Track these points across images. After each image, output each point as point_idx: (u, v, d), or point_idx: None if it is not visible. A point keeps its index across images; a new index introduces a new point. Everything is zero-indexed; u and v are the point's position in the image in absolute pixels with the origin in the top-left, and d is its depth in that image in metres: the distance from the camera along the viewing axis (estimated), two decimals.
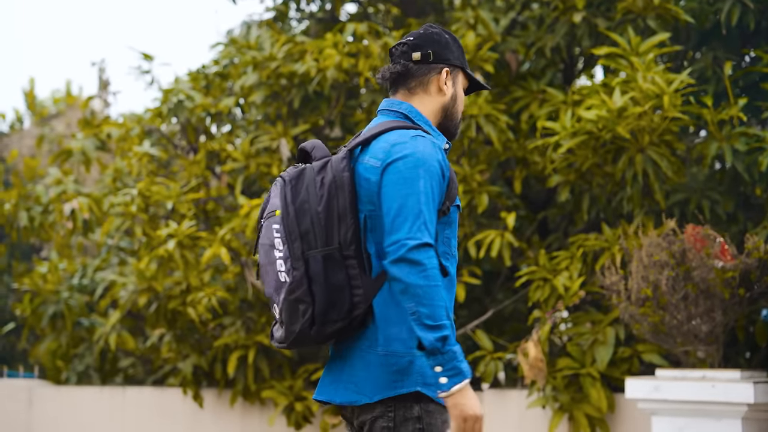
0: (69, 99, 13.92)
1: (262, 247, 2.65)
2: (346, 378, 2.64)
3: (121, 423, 7.80)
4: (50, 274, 8.22)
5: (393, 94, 2.81)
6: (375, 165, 2.61)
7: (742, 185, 5.94)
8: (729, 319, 5.22)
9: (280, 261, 2.58)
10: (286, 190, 2.60)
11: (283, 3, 8.08)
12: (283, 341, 2.61)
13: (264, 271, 2.65)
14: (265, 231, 2.64)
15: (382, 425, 2.57)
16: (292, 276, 2.55)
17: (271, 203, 2.66)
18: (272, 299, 2.64)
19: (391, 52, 2.82)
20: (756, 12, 6.12)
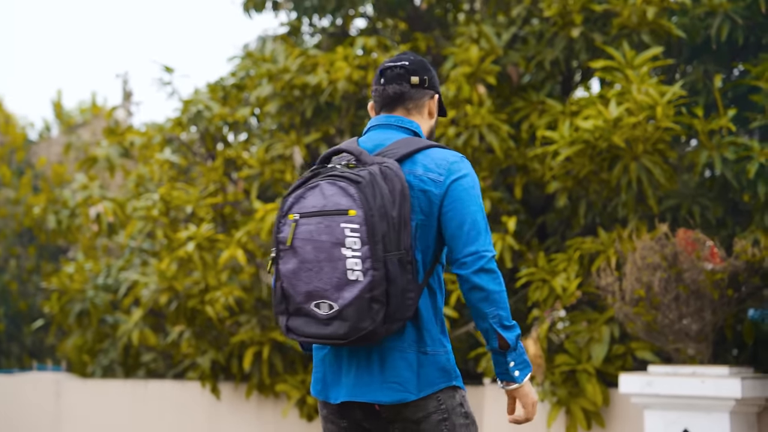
0: (94, 109, 13.95)
1: (310, 242, 2.54)
2: (386, 378, 2.61)
3: (143, 414, 7.81)
4: (77, 274, 8.24)
5: (388, 111, 2.81)
6: (436, 179, 2.65)
7: (731, 192, 5.92)
8: (718, 318, 5.21)
9: (354, 260, 2.50)
10: (364, 192, 2.52)
11: (296, 18, 8.08)
12: (344, 337, 2.52)
13: (309, 267, 2.54)
14: (321, 228, 2.53)
15: (437, 419, 2.64)
16: (371, 276, 2.49)
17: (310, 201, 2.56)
18: (317, 295, 2.54)
19: (384, 72, 2.80)
20: (744, 28, 6.11)
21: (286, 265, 2.58)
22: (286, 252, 2.58)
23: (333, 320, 2.53)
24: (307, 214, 2.56)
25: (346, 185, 2.54)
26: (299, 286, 2.56)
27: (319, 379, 2.71)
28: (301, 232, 2.56)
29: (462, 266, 2.60)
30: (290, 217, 2.59)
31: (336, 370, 2.67)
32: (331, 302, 2.52)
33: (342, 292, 2.51)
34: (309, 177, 2.62)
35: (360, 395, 2.62)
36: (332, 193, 2.55)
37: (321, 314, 2.54)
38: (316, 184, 2.58)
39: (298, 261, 2.55)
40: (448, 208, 2.64)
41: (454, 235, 2.62)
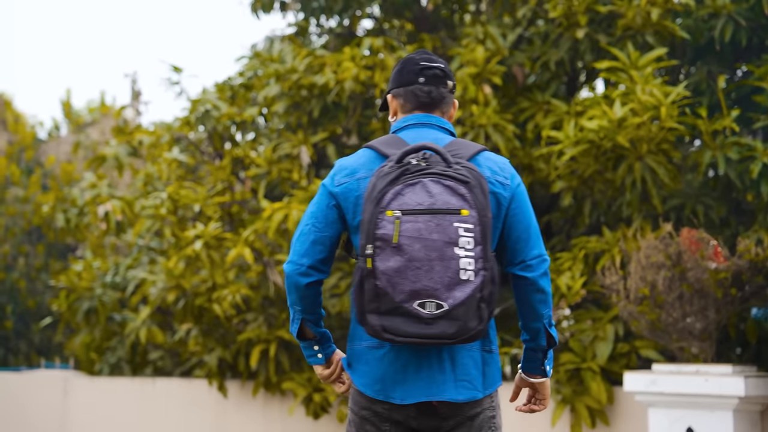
0: (103, 108, 14.00)
1: (419, 240, 2.47)
2: (457, 376, 2.62)
3: (151, 411, 7.85)
4: (85, 272, 8.28)
5: (426, 111, 2.78)
6: (503, 182, 2.66)
7: (735, 192, 5.94)
8: (721, 317, 5.23)
9: (468, 260, 2.46)
10: (474, 192, 2.50)
11: (304, 19, 8.11)
12: (453, 337, 2.48)
13: (418, 265, 2.46)
14: (432, 226, 2.47)
15: (489, 415, 2.68)
16: (482, 276, 2.48)
17: (413, 198, 2.49)
18: (425, 294, 2.47)
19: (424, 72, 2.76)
20: (747, 29, 6.12)
21: (386, 262, 2.48)
22: (385, 249, 2.49)
23: (439, 320, 2.47)
24: (413, 212, 2.49)
25: (455, 185, 2.50)
26: (403, 285, 2.47)
27: (378, 378, 2.63)
28: (408, 230, 2.48)
29: (527, 269, 2.64)
30: (389, 213, 2.49)
31: (399, 370, 2.62)
32: (439, 301, 2.46)
33: (453, 292, 2.47)
34: (399, 173, 2.53)
35: (436, 394, 2.60)
36: (439, 191, 2.50)
37: (425, 313, 2.47)
38: (417, 181, 2.51)
39: (405, 259, 2.47)
40: (515, 212, 2.66)
41: (520, 238, 2.65)
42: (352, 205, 2.65)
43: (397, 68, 2.84)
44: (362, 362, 2.67)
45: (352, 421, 2.72)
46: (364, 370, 2.67)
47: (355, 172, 2.69)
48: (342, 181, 2.67)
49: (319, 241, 2.66)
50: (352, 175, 2.68)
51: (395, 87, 2.81)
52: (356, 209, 2.64)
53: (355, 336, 2.70)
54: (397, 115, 2.83)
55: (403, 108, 2.80)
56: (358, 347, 2.69)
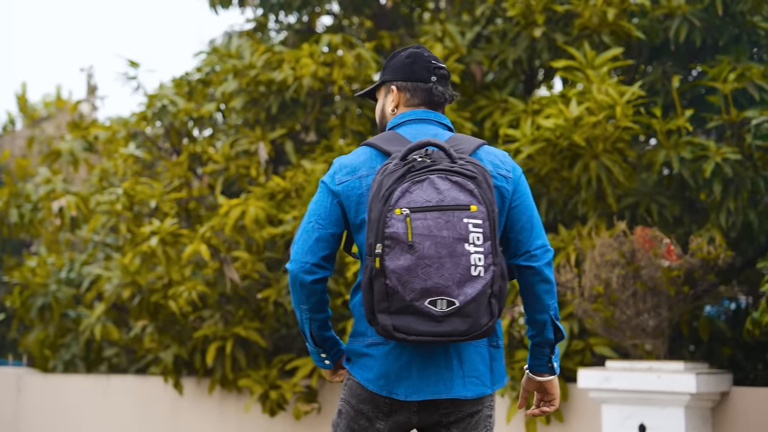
0: (59, 103, 13.83)
1: (429, 238, 2.45)
2: (465, 372, 2.60)
3: (105, 409, 7.77)
4: (39, 268, 8.17)
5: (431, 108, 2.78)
6: (506, 175, 2.67)
7: (688, 190, 6.00)
8: (674, 314, 5.28)
9: (478, 255, 2.45)
10: (482, 188, 2.49)
11: (262, 15, 8.07)
12: (465, 333, 2.46)
13: (429, 263, 2.44)
14: (441, 223, 2.46)
15: (486, 413, 2.67)
16: (492, 271, 2.46)
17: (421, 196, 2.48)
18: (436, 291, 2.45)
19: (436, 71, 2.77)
20: (702, 30, 6.19)
21: (396, 261, 2.46)
22: (394, 248, 2.46)
23: (450, 317, 2.45)
24: (421, 209, 2.47)
25: (463, 180, 2.49)
26: (414, 283, 2.45)
27: (381, 374, 2.60)
28: (418, 227, 2.46)
29: (532, 258, 2.63)
30: (397, 211, 2.47)
31: (404, 366, 2.60)
32: (451, 298, 2.45)
33: (464, 288, 2.45)
34: (407, 170, 2.51)
35: (444, 392, 2.59)
36: (447, 187, 2.48)
37: (436, 311, 2.45)
38: (424, 178, 2.49)
39: (415, 257, 2.45)
40: (517, 203, 2.67)
41: (524, 228, 2.65)
42: (354, 203, 2.63)
43: (403, 60, 2.78)
44: (366, 357, 2.64)
45: (344, 413, 2.68)
46: (368, 365, 2.64)
47: (356, 170, 2.66)
48: (343, 180, 2.65)
49: (323, 239, 2.64)
50: (354, 173, 2.66)
51: (403, 80, 2.77)
52: (358, 207, 2.63)
53: (359, 332, 2.68)
54: (398, 108, 2.80)
55: (408, 102, 2.78)
56: (361, 343, 2.66)
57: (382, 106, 2.85)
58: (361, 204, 2.62)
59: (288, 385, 6.51)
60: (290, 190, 6.61)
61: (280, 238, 6.59)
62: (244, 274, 6.61)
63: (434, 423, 2.64)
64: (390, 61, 2.83)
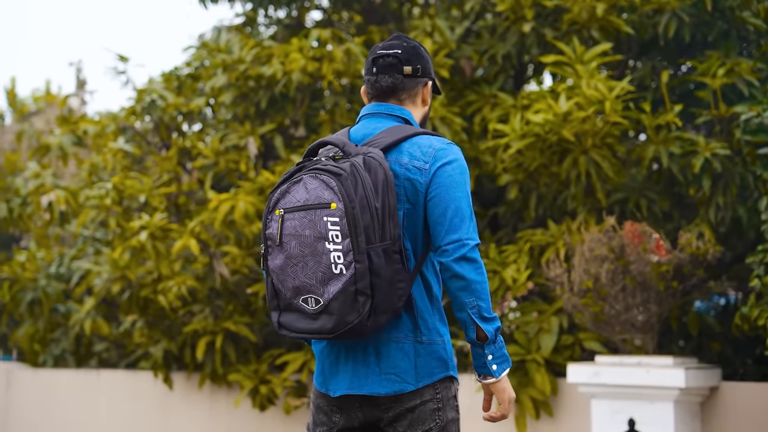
0: (48, 97, 13.73)
1: (295, 237, 2.50)
2: (382, 369, 2.58)
3: (95, 404, 7.72)
4: (28, 263, 8.11)
5: (381, 101, 2.76)
6: (420, 167, 2.59)
7: (677, 186, 5.99)
8: (663, 309, 5.26)
9: (337, 253, 2.45)
10: (344, 185, 2.47)
11: (252, 9, 8.01)
12: (332, 331, 2.48)
13: (294, 262, 2.51)
14: (305, 222, 2.49)
15: (432, 407, 2.60)
16: (354, 268, 2.45)
17: (294, 196, 2.53)
18: (305, 290, 2.50)
19: (376, 62, 2.74)
20: (691, 25, 6.17)
21: (274, 261, 2.55)
22: (273, 248, 2.55)
23: (320, 315, 2.50)
24: (292, 209, 2.52)
25: (328, 178, 2.49)
26: (287, 282, 2.53)
27: (320, 371, 2.68)
28: (287, 228, 2.52)
29: (443, 254, 2.54)
30: (276, 213, 2.55)
31: (333, 363, 2.64)
32: (317, 297, 2.49)
33: (327, 286, 2.47)
34: (294, 171, 2.57)
35: (358, 388, 2.59)
36: (315, 186, 2.50)
37: (309, 309, 2.51)
38: (300, 179, 2.53)
39: (285, 257, 2.52)
40: (432, 195, 2.58)
41: (437, 222, 2.57)
42: None
43: None
44: (316, 356, 2.73)
45: (311, 408, 2.76)
46: (316, 363, 2.72)
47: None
48: None
49: None
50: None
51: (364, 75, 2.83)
52: None
53: None
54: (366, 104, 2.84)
55: (367, 97, 2.81)
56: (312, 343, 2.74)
57: None
58: None
59: (278, 379, 6.48)
60: None
61: None
62: (234, 269, 6.57)
63: (377, 419, 2.62)
64: None
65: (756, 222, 5.60)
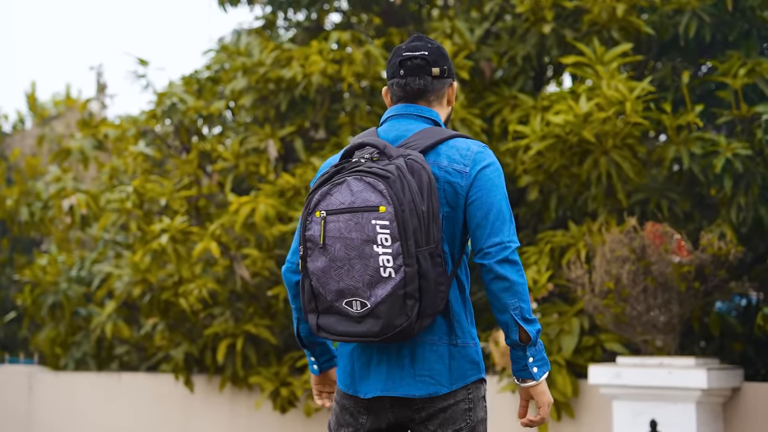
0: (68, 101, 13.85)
1: (339, 240, 2.50)
2: (417, 371, 2.60)
3: (116, 406, 7.79)
4: (50, 267, 8.20)
5: (408, 102, 2.77)
6: (461, 170, 2.62)
7: (698, 186, 5.99)
8: (685, 310, 5.27)
9: (386, 257, 2.46)
10: (393, 188, 2.47)
11: (271, 12, 8.07)
12: (378, 335, 2.49)
13: (339, 264, 2.51)
14: (351, 225, 2.49)
15: (464, 407, 2.63)
16: (403, 272, 2.46)
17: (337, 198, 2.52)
18: (349, 293, 2.51)
19: (404, 64, 2.74)
20: (711, 26, 6.17)
21: (315, 263, 2.54)
22: (314, 250, 2.54)
23: (365, 318, 2.50)
24: (335, 211, 2.51)
25: (375, 181, 2.49)
26: (330, 284, 2.53)
27: (348, 373, 2.67)
28: (330, 230, 2.51)
29: (486, 256, 2.57)
30: (317, 214, 2.54)
31: (365, 364, 2.64)
32: (363, 300, 2.49)
33: (375, 289, 2.48)
34: (333, 173, 2.57)
35: (393, 389, 2.60)
36: (360, 189, 2.50)
37: (353, 312, 2.51)
38: (343, 180, 2.53)
39: (328, 259, 2.52)
40: (473, 198, 2.61)
41: (479, 225, 2.59)
42: None
43: (389, 58, 2.83)
44: (340, 357, 2.72)
45: (334, 408, 2.75)
46: (341, 364, 2.71)
47: (321, 171, 2.75)
48: (317, 180, 2.67)
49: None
50: (320, 172, 2.76)
51: (387, 78, 2.81)
52: None
53: None
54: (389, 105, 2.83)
55: (393, 99, 2.80)
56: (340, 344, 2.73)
57: None
58: None
59: (299, 382, 6.52)
60: (300, 188, 6.62)
61: (290, 236, 6.59)
62: (255, 272, 6.62)
63: (408, 419, 2.64)
64: None
65: None
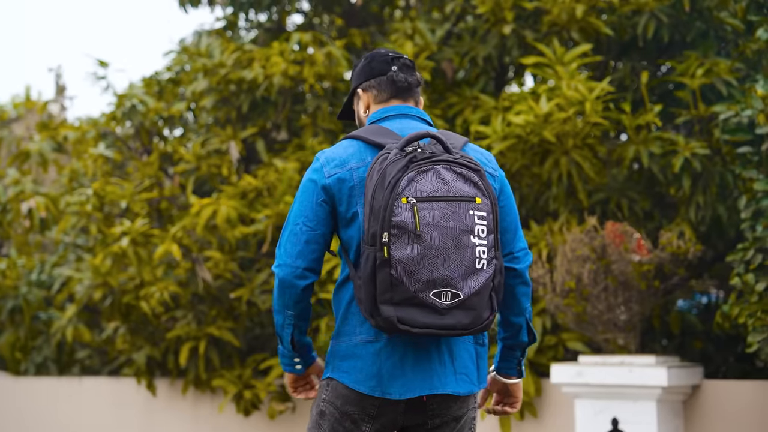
0: (28, 103, 13.68)
1: (437, 228, 2.40)
2: (456, 369, 2.57)
3: (78, 411, 7.72)
4: (9, 270, 8.10)
5: (401, 100, 2.74)
6: (492, 173, 2.65)
7: (658, 185, 6.05)
8: (645, 309, 5.32)
9: (482, 248, 2.42)
10: (484, 181, 2.47)
11: (232, 13, 8.04)
12: (468, 327, 2.43)
13: (435, 253, 2.40)
14: (448, 214, 2.42)
15: (471, 416, 2.64)
16: (494, 265, 2.45)
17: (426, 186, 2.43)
18: (441, 283, 2.40)
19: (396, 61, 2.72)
20: (669, 26, 6.24)
21: (402, 251, 2.39)
22: (400, 237, 2.40)
23: (453, 310, 2.42)
24: (427, 199, 2.42)
25: (467, 172, 2.45)
26: (420, 273, 2.40)
27: (373, 374, 2.52)
28: (425, 217, 2.40)
29: (515, 260, 2.61)
30: (404, 200, 2.41)
31: (396, 364, 2.53)
32: (455, 290, 2.41)
33: (468, 280, 2.42)
34: (408, 161, 2.45)
35: (439, 387, 2.53)
36: (452, 178, 2.44)
37: (440, 303, 2.41)
38: (429, 168, 2.44)
39: (423, 247, 2.39)
40: (503, 203, 2.65)
41: (508, 229, 2.63)
42: (346, 196, 2.56)
43: (362, 63, 2.76)
44: (353, 358, 2.56)
45: (327, 415, 2.57)
46: (356, 366, 2.55)
47: (346, 163, 2.59)
48: (333, 172, 2.57)
49: (313, 240, 2.56)
50: (344, 165, 2.58)
51: (366, 80, 2.74)
52: (350, 200, 2.56)
53: (344, 332, 2.59)
54: (370, 108, 2.75)
55: (377, 98, 2.73)
56: (347, 343, 2.58)
57: (357, 113, 2.82)
58: (353, 197, 2.55)
59: (262, 384, 6.50)
60: (262, 189, 6.59)
61: (252, 238, 6.57)
62: (217, 274, 6.59)
63: (418, 424, 2.59)
64: (353, 71, 2.82)
65: (736, 220, 5.67)
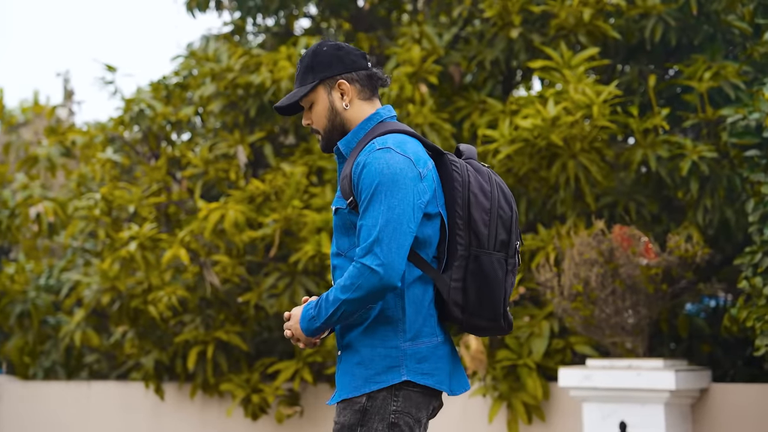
0: (36, 108, 13.75)
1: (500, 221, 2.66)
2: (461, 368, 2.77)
3: (86, 415, 7.74)
4: (17, 275, 8.14)
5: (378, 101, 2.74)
6: None
7: (665, 189, 6.05)
8: (653, 312, 5.32)
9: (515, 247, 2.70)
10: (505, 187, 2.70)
11: (240, 18, 8.07)
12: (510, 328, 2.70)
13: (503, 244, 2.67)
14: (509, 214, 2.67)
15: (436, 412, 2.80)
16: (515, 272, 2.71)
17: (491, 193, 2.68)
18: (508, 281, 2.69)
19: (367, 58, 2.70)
20: (677, 29, 6.24)
21: None
22: None
23: None
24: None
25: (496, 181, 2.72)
26: None
27: (447, 373, 2.63)
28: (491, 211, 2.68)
29: None
30: None
31: (456, 363, 2.71)
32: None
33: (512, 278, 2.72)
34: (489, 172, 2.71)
35: (466, 384, 2.74)
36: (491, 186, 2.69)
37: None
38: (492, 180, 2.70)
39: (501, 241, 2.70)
40: None
41: None
42: (431, 196, 2.59)
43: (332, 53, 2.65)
44: (435, 359, 2.60)
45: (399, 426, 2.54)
46: (438, 366, 2.60)
47: (426, 162, 2.61)
48: (425, 172, 2.59)
49: (411, 243, 2.55)
50: (426, 164, 2.61)
51: (347, 71, 2.65)
52: (436, 200, 2.61)
53: (425, 333, 2.59)
54: (353, 103, 2.66)
55: (360, 94, 2.67)
56: (428, 345, 2.59)
57: (328, 104, 2.66)
58: (437, 197, 2.63)
59: (270, 388, 6.51)
60: (269, 193, 6.61)
61: (260, 242, 6.59)
62: (225, 278, 6.61)
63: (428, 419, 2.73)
64: (313, 60, 2.67)
65: (744, 224, 5.67)
